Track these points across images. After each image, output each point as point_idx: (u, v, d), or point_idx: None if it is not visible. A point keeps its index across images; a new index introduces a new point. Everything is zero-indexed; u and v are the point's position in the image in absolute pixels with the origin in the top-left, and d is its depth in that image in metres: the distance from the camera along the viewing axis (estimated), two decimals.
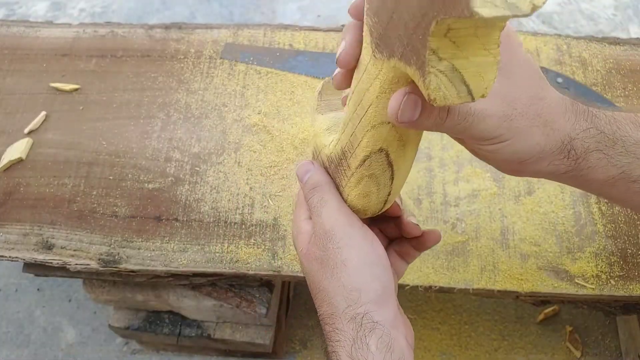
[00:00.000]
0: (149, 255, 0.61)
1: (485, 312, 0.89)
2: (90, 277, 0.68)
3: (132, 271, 0.61)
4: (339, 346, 0.35)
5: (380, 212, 0.41)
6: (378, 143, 0.36)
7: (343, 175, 0.40)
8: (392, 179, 0.37)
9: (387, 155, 0.36)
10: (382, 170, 0.37)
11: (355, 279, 0.37)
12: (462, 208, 0.63)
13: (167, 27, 0.78)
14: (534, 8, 0.23)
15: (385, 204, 0.40)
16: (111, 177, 0.66)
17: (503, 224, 0.62)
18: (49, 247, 0.61)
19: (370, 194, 0.39)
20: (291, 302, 0.89)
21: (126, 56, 0.75)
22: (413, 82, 0.30)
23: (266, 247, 0.61)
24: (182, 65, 0.74)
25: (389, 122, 0.34)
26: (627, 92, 0.71)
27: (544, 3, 0.24)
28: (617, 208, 0.63)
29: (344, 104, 0.41)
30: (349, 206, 0.40)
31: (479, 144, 0.36)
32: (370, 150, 0.36)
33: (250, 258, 0.60)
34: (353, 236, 0.38)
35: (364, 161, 0.37)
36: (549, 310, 0.87)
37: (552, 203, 0.63)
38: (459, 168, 0.66)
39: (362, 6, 0.34)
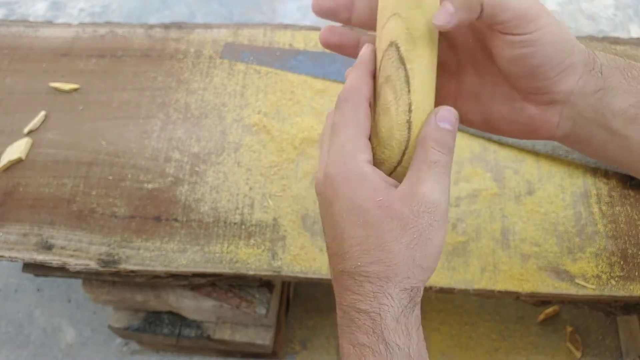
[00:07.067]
0: (149, 255, 0.61)
1: (485, 312, 0.89)
2: (89, 278, 0.67)
3: (132, 271, 0.60)
4: (385, 309, 0.36)
5: (402, 157, 0.38)
6: (388, 37, 0.36)
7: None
8: (408, 83, 0.36)
9: (398, 49, 0.36)
10: (395, 68, 0.36)
11: (429, 262, 0.36)
12: (462, 208, 0.63)
13: (166, 26, 0.77)
14: None
15: (407, 130, 0.37)
16: (110, 177, 0.65)
17: (503, 224, 0.62)
18: (48, 247, 0.61)
19: (389, 107, 0.37)
20: (291, 302, 0.88)
21: (126, 56, 0.75)
22: None
23: (266, 248, 0.61)
24: (181, 65, 0.74)
25: (394, 14, 0.35)
26: None
27: None
28: (617, 208, 0.63)
29: None
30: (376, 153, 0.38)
31: (511, 32, 0.36)
32: (384, 48, 0.36)
33: (250, 258, 0.60)
34: (446, 220, 0.37)
35: (381, 61, 0.37)
36: (549, 310, 0.87)
37: (552, 203, 0.63)
38: (460, 168, 0.65)
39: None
